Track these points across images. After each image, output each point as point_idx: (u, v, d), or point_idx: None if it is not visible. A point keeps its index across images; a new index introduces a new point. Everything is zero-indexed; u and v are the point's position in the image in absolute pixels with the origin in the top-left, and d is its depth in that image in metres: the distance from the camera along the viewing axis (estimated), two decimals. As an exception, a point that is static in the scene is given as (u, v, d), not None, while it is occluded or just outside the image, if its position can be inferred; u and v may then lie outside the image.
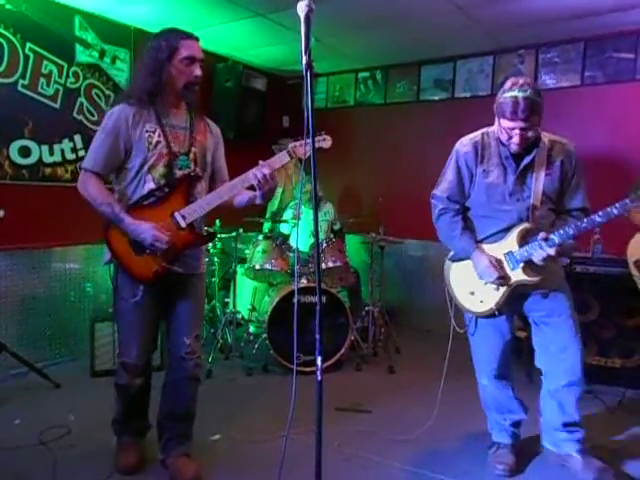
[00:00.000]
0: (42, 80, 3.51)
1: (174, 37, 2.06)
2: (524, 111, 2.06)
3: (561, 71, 4.15)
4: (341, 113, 5.32)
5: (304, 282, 3.74)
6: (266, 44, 4.41)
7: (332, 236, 4.19)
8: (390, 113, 4.93)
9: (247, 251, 4.05)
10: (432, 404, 2.73)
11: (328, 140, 2.14)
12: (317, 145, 2.06)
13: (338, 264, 3.80)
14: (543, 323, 2.33)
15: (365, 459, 2.50)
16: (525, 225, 2.24)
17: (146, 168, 2.07)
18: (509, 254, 2.26)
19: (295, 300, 2.36)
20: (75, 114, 3.70)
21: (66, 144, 3.67)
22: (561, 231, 2.15)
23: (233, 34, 4.19)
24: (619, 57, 3.88)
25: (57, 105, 3.61)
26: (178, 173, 2.11)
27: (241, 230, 4.01)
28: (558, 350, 2.28)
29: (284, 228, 4.52)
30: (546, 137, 2.27)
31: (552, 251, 2.14)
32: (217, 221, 4.02)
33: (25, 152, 3.48)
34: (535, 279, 2.23)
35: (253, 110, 4.85)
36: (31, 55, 3.44)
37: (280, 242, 3.91)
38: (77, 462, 2.38)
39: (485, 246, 2.32)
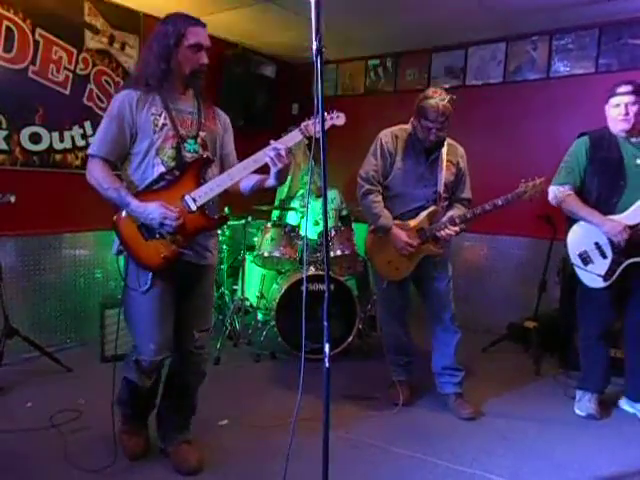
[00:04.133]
0: (52, 66, 3.51)
1: (182, 23, 2.02)
2: (442, 115, 2.62)
3: (575, 58, 4.08)
4: (351, 101, 5.27)
5: (312, 270, 3.74)
6: (276, 30, 4.38)
7: (340, 224, 4.18)
8: (400, 101, 4.88)
9: (256, 239, 4.06)
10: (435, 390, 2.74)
11: (341, 117, 2.08)
12: (331, 122, 2.04)
13: (346, 252, 3.79)
14: (429, 285, 2.91)
15: (372, 446, 2.51)
16: (434, 207, 2.81)
17: (153, 151, 2.02)
18: (420, 230, 2.77)
19: (303, 288, 2.37)
20: (85, 100, 3.71)
21: (76, 131, 3.68)
22: (461, 216, 2.74)
23: (242, 20, 4.16)
24: (635, 43, 3.81)
25: (67, 91, 3.61)
26: (187, 156, 2.06)
27: (250, 218, 4.01)
28: (436, 307, 2.90)
29: (290, 219, 4.51)
30: (446, 141, 2.82)
31: (452, 231, 2.73)
32: (226, 208, 4.02)
33: (36, 138, 3.49)
34: (440, 250, 2.82)
35: (262, 97, 4.83)
36: (41, 41, 3.44)
37: (289, 230, 3.91)
38: (87, 445, 2.41)
39: (399, 223, 2.82)
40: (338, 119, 2.07)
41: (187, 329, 2.19)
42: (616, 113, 2.72)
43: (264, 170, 2.09)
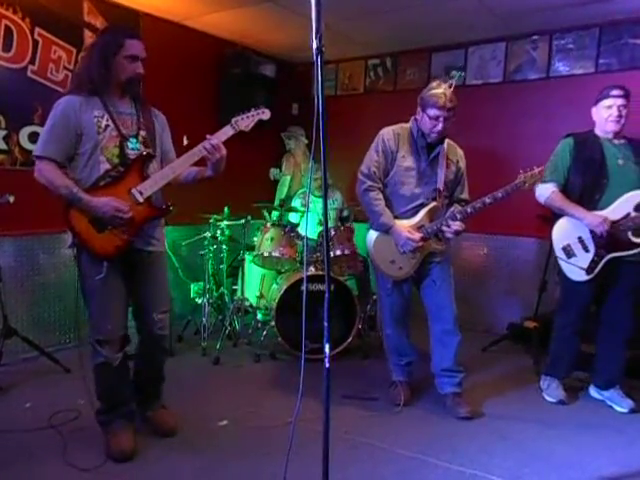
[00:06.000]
0: (51, 66, 3.50)
1: (120, 35, 2.21)
2: (450, 102, 2.62)
3: (575, 58, 4.08)
4: (350, 100, 5.27)
5: (312, 270, 3.73)
6: (275, 30, 4.37)
7: (340, 224, 4.18)
8: (400, 100, 4.87)
9: (255, 238, 4.05)
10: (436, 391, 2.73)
11: (266, 112, 2.37)
12: (257, 117, 2.35)
13: (346, 252, 3.79)
14: (429, 286, 2.89)
15: (372, 446, 2.50)
16: (434, 204, 2.79)
17: (99, 151, 2.18)
18: (422, 228, 2.76)
19: (304, 288, 2.37)
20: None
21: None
22: (462, 210, 2.70)
23: (242, 20, 4.15)
24: (635, 43, 3.81)
25: (66, 91, 3.59)
26: (131, 154, 2.23)
27: (249, 217, 4.01)
28: (437, 308, 2.88)
29: (293, 217, 4.51)
30: (445, 140, 2.81)
31: (454, 225, 2.69)
32: (226, 208, 4.02)
33: (35, 138, 3.47)
34: (442, 247, 2.82)
35: (262, 97, 4.80)
36: (40, 40, 3.43)
37: (288, 230, 3.91)
38: (86, 445, 2.40)
39: (399, 221, 2.79)
40: (263, 114, 2.37)
41: (147, 313, 2.39)
42: (607, 114, 2.85)
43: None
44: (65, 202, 2.17)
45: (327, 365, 1.58)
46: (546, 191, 2.92)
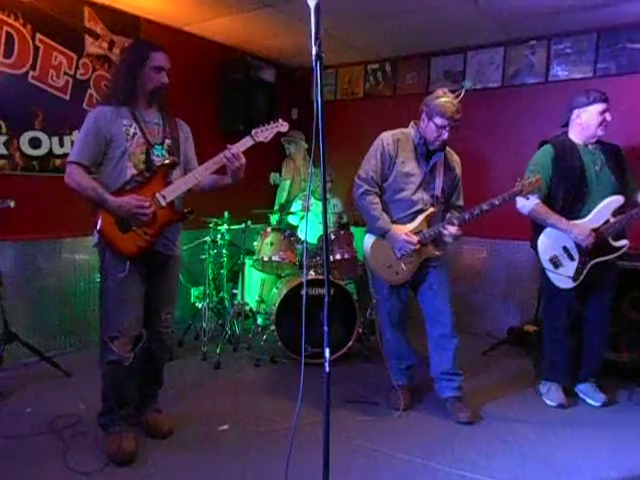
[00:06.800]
0: (52, 71, 3.52)
1: (145, 48, 2.38)
2: (458, 113, 2.65)
3: (573, 62, 4.09)
4: (350, 105, 5.29)
5: (312, 274, 3.74)
6: (275, 35, 4.39)
7: (339, 228, 4.19)
8: (399, 105, 4.90)
9: (255, 243, 4.06)
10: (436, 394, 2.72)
11: (285, 125, 2.51)
12: (276, 129, 2.47)
13: (346, 257, 3.79)
14: (427, 290, 2.90)
15: (372, 450, 2.51)
16: (432, 209, 2.80)
17: (126, 156, 2.31)
18: (420, 233, 2.76)
19: (303, 292, 2.39)
20: (85, 106, 3.71)
21: (76, 136, 3.67)
22: (460, 216, 2.72)
23: (242, 25, 4.17)
24: (633, 48, 3.82)
25: (67, 97, 3.62)
26: (156, 160, 2.37)
27: (250, 222, 4.02)
28: (434, 312, 2.88)
29: (293, 219, 4.52)
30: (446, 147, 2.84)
31: (452, 230, 2.70)
32: (226, 213, 4.03)
33: (35, 143, 3.50)
34: (439, 252, 2.83)
35: (262, 102, 4.83)
36: (41, 46, 3.44)
37: (288, 234, 3.91)
38: (87, 450, 2.40)
39: (397, 226, 2.79)
40: (282, 126, 2.51)
41: (155, 312, 2.51)
42: (601, 119, 2.84)
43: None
44: (93, 203, 2.29)
45: (327, 369, 1.59)
46: (529, 203, 2.90)
